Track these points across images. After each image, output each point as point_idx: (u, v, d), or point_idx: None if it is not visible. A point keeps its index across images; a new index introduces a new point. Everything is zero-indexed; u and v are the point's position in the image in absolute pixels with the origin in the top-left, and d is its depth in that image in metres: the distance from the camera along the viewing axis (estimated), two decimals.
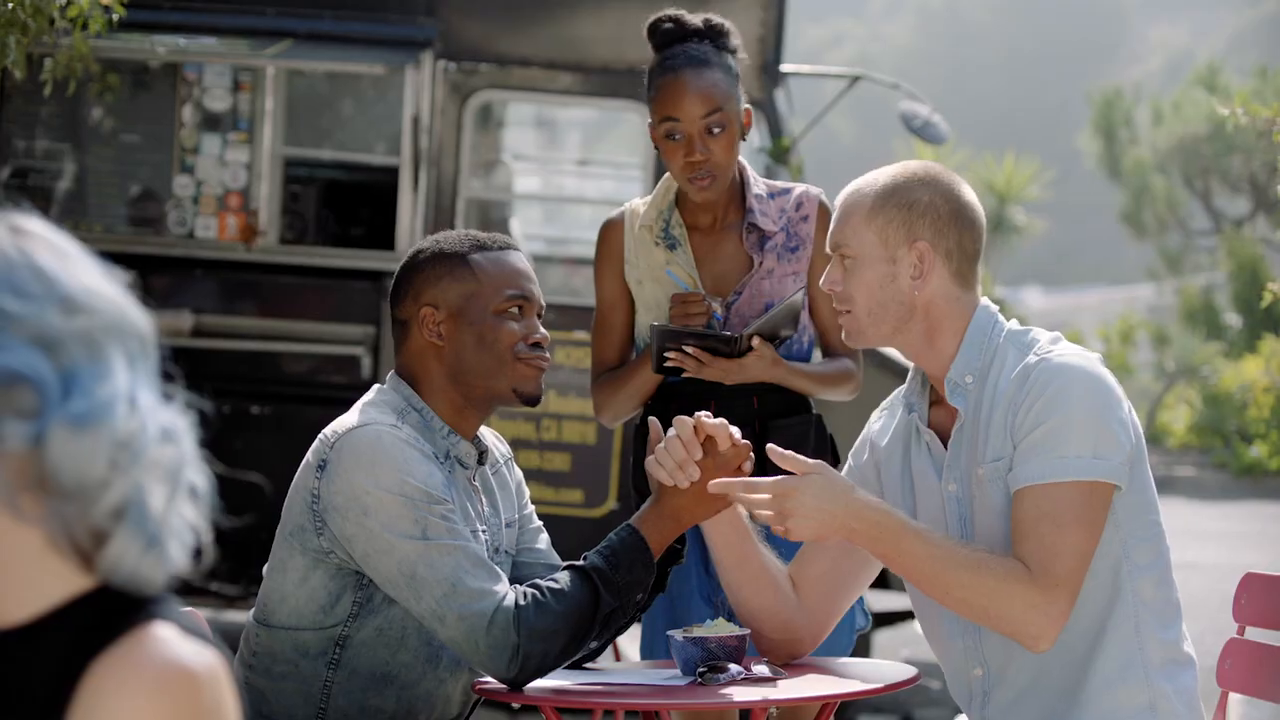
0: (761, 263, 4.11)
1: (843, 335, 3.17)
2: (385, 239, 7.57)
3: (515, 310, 3.24)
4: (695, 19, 4.12)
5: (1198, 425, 20.82)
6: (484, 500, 3.28)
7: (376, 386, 3.28)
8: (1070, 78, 60.55)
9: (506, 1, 7.53)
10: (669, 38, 4.11)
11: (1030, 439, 2.93)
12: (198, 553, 1.60)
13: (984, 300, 3.12)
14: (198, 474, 1.60)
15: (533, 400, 3.27)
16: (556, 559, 3.40)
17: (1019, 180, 23.39)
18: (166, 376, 1.63)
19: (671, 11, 4.14)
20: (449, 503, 3.08)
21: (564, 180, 12.94)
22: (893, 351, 6.33)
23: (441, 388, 3.23)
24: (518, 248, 3.32)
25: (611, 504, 7.33)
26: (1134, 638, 2.99)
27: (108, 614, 1.55)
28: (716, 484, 3.02)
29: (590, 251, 4.68)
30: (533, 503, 3.49)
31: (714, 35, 4.11)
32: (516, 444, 7.23)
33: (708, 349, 3.94)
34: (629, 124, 7.80)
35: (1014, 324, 3.10)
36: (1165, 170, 29.05)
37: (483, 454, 3.29)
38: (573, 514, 7.31)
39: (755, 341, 3.95)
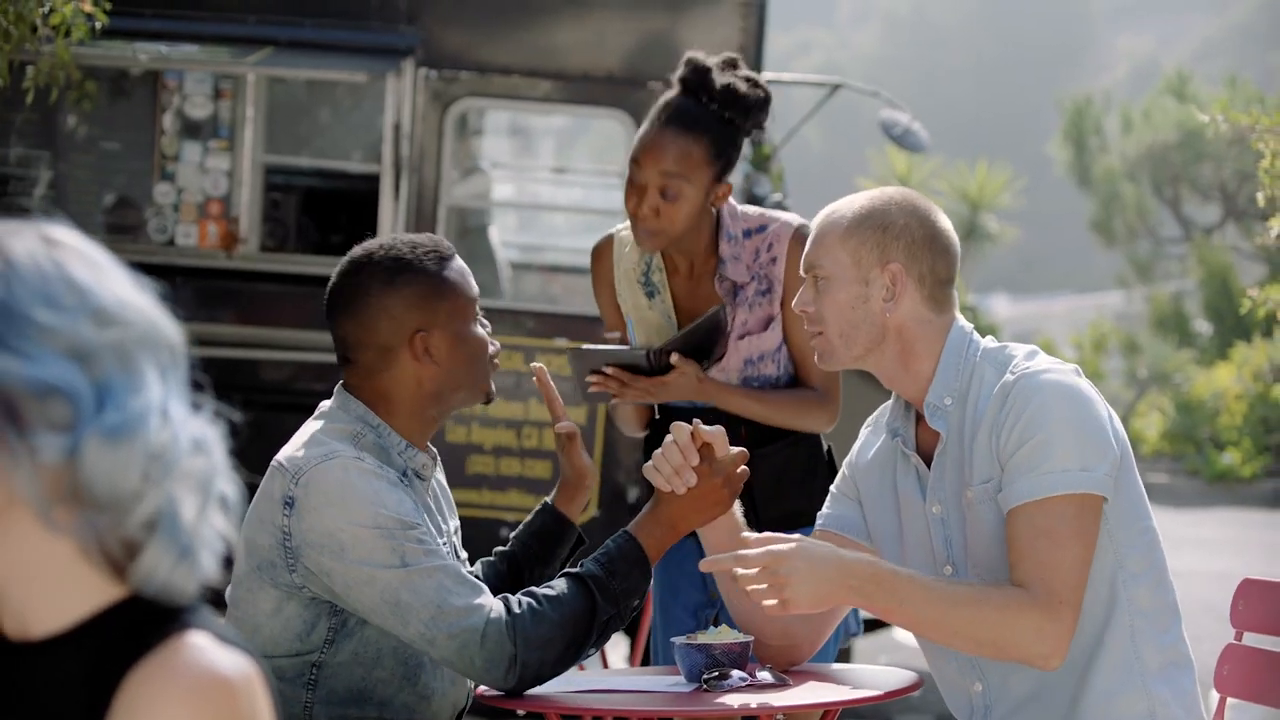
0: (734, 316, 4.02)
1: (815, 357, 3.16)
2: None
3: (477, 313, 3.21)
4: (720, 79, 3.96)
5: (1170, 432, 20.91)
6: (437, 511, 3.24)
7: (323, 406, 3.17)
8: (1038, 84, 60.75)
9: (487, 9, 7.52)
10: (687, 86, 3.98)
11: (1016, 458, 2.94)
12: (228, 561, 1.60)
13: (959, 320, 3.11)
14: (228, 484, 1.61)
15: (493, 396, 3.25)
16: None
17: (991, 188, 23.44)
18: (195, 386, 1.63)
19: (706, 60, 3.98)
20: (422, 526, 3.03)
21: (539, 188, 12.92)
22: None
23: (418, 408, 3.15)
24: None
25: (592, 511, 7.32)
26: (1130, 646, 3.00)
27: (141, 623, 1.55)
28: (707, 563, 2.99)
29: (568, 259, 4.66)
30: (514, 509, 3.47)
31: (727, 104, 3.96)
32: (499, 451, 7.22)
33: (625, 368, 3.89)
34: (605, 131, 7.81)
35: (989, 341, 3.10)
36: (1135, 178, 29.14)
37: (434, 458, 3.24)
38: None
39: (675, 359, 3.87)
